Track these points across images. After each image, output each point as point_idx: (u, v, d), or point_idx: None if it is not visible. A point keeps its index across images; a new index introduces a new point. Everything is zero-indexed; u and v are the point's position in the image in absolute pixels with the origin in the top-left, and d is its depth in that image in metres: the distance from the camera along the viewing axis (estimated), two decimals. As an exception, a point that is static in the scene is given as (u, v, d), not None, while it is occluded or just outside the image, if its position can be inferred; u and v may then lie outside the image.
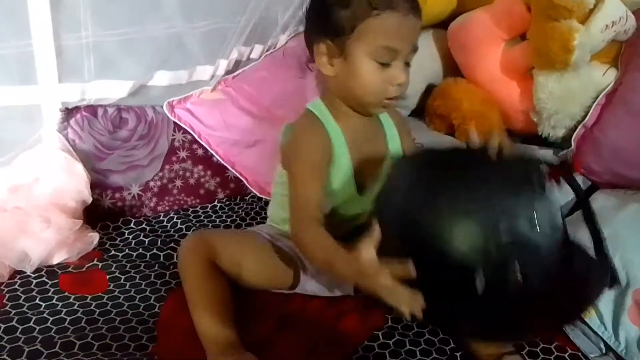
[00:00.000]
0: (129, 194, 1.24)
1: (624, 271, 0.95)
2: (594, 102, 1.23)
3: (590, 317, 0.95)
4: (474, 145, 0.77)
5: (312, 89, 1.40)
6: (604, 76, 1.23)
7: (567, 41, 1.12)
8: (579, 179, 1.21)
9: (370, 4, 0.77)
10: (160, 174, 1.29)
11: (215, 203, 1.34)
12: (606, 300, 0.94)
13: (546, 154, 1.28)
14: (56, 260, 1.03)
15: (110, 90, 1.20)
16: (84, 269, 1.03)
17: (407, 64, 0.84)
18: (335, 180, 0.88)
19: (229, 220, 1.27)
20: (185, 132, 1.33)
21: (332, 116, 0.88)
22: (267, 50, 1.49)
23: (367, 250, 0.67)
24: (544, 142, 1.32)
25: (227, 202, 1.35)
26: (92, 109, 1.21)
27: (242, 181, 1.36)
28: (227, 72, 1.43)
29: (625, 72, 1.21)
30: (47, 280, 0.99)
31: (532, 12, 1.22)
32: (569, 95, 1.23)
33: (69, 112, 1.18)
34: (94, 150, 1.20)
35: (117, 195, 1.23)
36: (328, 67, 0.84)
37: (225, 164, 1.36)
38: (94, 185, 1.17)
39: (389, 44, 0.78)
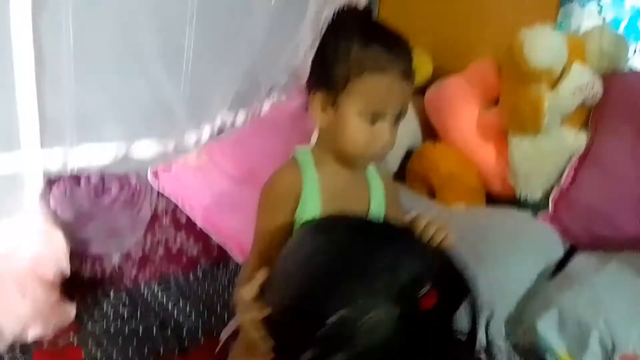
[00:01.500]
0: (109, 263, 1.22)
1: (608, 335, 0.94)
2: (567, 163, 1.27)
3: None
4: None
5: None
6: (576, 138, 1.28)
7: (538, 106, 1.17)
8: (560, 240, 1.23)
9: (362, 64, 0.80)
10: (142, 241, 1.27)
11: (198, 270, 1.32)
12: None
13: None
14: (31, 335, 1.00)
15: (94, 157, 1.21)
16: (59, 346, 1.00)
17: (397, 123, 0.85)
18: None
19: (210, 289, 1.25)
20: (169, 199, 1.34)
21: (314, 165, 0.88)
22: (251, 116, 1.53)
23: (248, 288, 0.74)
24: (522, 204, 1.35)
25: (210, 270, 1.33)
26: (75, 178, 1.21)
27: (224, 247, 1.35)
28: (212, 138, 1.45)
29: (596, 135, 1.26)
30: (20, 358, 0.95)
31: (504, 78, 1.28)
32: (543, 157, 1.26)
33: (51, 181, 1.18)
34: (75, 219, 1.19)
35: (97, 264, 1.21)
36: (320, 117, 0.87)
37: (209, 230, 1.35)
38: (74, 255, 1.15)
39: (375, 105, 0.81)
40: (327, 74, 0.83)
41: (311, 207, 0.87)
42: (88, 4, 1.06)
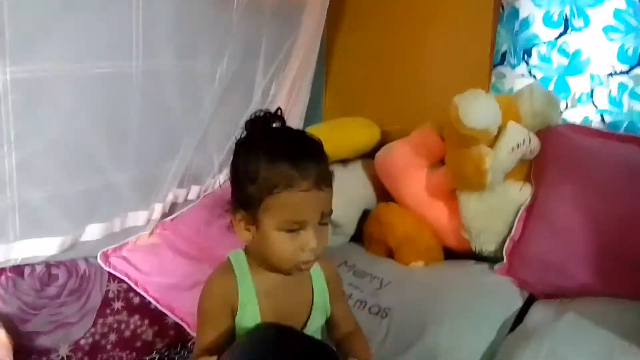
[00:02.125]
0: (57, 356, 1.15)
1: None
2: (516, 217, 1.31)
3: None
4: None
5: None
6: (521, 192, 1.33)
7: (479, 165, 1.22)
8: (517, 291, 1.24)
9: (271, 183, 0.81)
10: (93, 329, 1.21)
11: (154, 355, 1.26)
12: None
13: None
14: None
15: (38, 249, 1.17)
16: None
17: (324, 224, 0.84)
18: (244, 330, 0.88)
19: (168, 373, 1.20)
20: (121, 281, 1.29)
21: (249, 268, 0.88)
22: (204, 191, 1.53)
23: None
24: (478, 257, 1.37)
25: (167, 352, 1.28)
26: (18, 269, 1.15)
27: (182, 327, 1.31)
28: (164, 215, 1.44)
29: (538, 188, 1.31)
30: None
31: (445, 141, 1.33)
32: (491, 212, 1.30)
33: (-8, 275, 1.13)
34: (18, 312, 1.12)
35: (44, 359, 1.14)
36: (245, 234, 0.87)
37: (164, 310, 1.31)
38: (18, 350, 1.08)
39: (292, 217, 0.81)
40: (242, 194, 0.84)
41: (249, 312, 0.87)
42: (28, 98, 1.04)
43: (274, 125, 0.87)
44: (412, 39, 1.64)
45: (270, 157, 0.81)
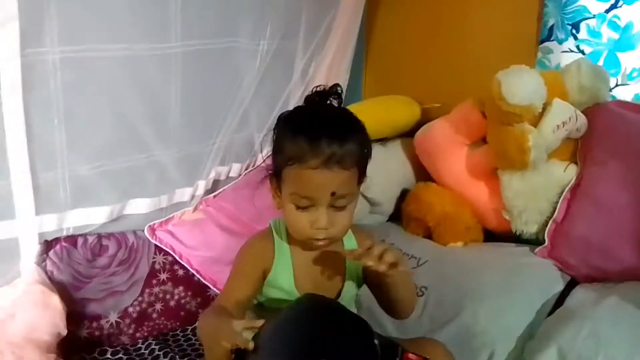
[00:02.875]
0: (107, 322, 1.23)
1: (609, 370, 0.92)
2: (560, 197, 1.27)
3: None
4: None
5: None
6: (565, 172, 1.29)
7: (522, 143, 1.19)
8: (558, 274, 1.22)
9: (288, 155, 0.84)
10: (140, 298, 1.28)
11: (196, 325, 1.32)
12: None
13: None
14: (26, 400, 1.00)
15: (89, 218, 1.23)
16: (55, 409, 0.99)
17: (340, 207, 0.85)
18: (276, 294, 0.92)
19: (209, 343, 1.24)
20: (166, 254, 1.35)
21: (286, 235, 0.92)
22: (245, 168, 1.56)
23: (242, 323, 0.75)
24: (518, 239, 1.34)
25: (209, 323, 1.32)
26: (71, 239, 1.23)
27: (223, 300, 1.36)
28: (207, 192, 1.48)
29: (584, 167, 1.27)
30: (15, 422, 0.95)
31: (487, 118, 1.30)
32: (534, 192, 1.27)
33: (48, 244, 1.20)
34: (72, 280, 1.20)
35: (95, 324, 1.21)
36: (275, 201, 0.91)
37: (207, 283, 1.36)
38: (71, 316, 1.16)
39: (301, 192, 0.84)
40: (274, 163, 0.88)
41: (283, 275, 0.91)
42: (76, 76, 1.10)
43: (329, 101, 0.89)
44: (454, 14, 1.60)
45: (293, 130, 0.84)
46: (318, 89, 0.91)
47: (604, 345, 0.95)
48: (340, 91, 0.91)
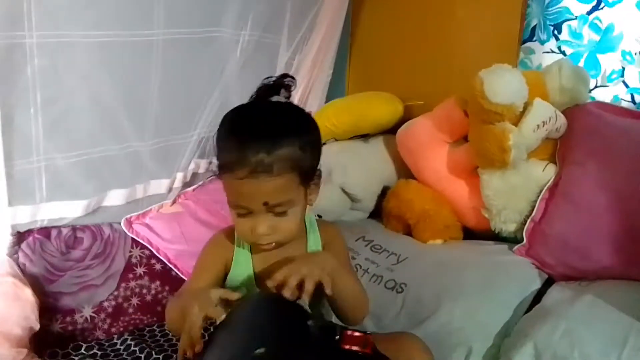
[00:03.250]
0: (81, 316, 1.20)
1: (584, 367, 0.93)
2: (538, 197, 1.28)
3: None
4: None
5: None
6: (544, 172, 1.30)
7: (503, 142, 1.19)
8: (536, 273, 1.23)
9: (219, 162, 0.83)
10: (116, 292, 1.25)
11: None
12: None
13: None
14: (-5, 395, 0.97)
15: (64, 211, 1.20)
16: (25, 405, 0.97)
17: (281, 213, 0.83)
18: (235, 285, 0.92)
19: (186, 337, 1.22)
20: (143, 247, 1.33)
21: None
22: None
23: (221, 292, 0.79)
24: (497, 237, 1.35)
25: (186, 318, 1.30)
26: (45, 231, 1.20)
27: (201, 294, 1.34)
28: (186, 185, 1.46)
29: (563, 167, 1.28)
30: (-17, 419, 0.92)
31: (469, 117, 1.31)
32: (513, 191, 1.28)
33: (20, 235, 1.17)
34: (44, 273, 1.17)
35: (68, 318, 1.18)
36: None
37: (184, 277, 1.34)
38: (43, 310, 1.12)
39: (234, 202, 0.83)
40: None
41: (243, 270, 0.91)
42: (54, 62, 1.07)
43: (278, 96, 0.86)
44: (439, 12, 1.60)
45: (225, 135, 0.82)
46: (266, 81, 0.87)
47: (578, 343, 0.97)
48: (289, 84, 0.87)
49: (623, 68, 1.34)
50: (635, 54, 1.32)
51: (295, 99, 1.68)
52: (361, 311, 0.92)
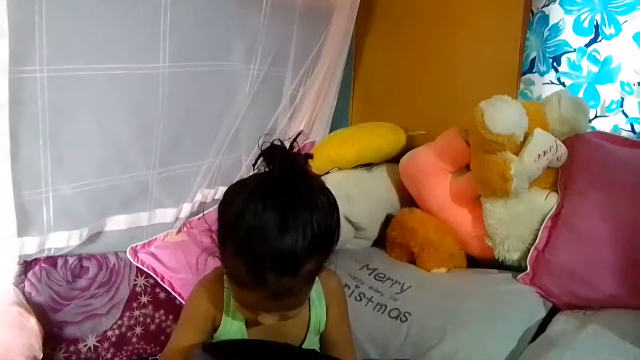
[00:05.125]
0: (85, 345, 1.20)
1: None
2: (541, 225, 1.29)
3: None
4: None
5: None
6: (546, 200, 1.31)
7: (504, 172, 1.21)
8: (541, 301, 1.23)
9: (228, 271, 0.78)
10: (120, 322, 1.26)
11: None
12: None
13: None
14: None
15: (69, 239, 1.21)
16: None
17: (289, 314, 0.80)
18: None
19: (189, 367, 1.22)
20: (148, 276, 1.33)
21: None
22: (231, 191, 1.56)
23: None
24: (501, 265, 1.35)
25: (189, 348, 1.30)
26: (51, 260, 1.21)
27: (205, 324, 1.34)
28: (192, 214, 1.47)
29: (565, 196, 1.29)
30: None
31: (471, 146, 1.32)
32: (516, 220, 1.28)
33: (27, 265, 1.18)
34: (50, 302, 1.18)
35: (72, 348, 1.18)
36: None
37: (189, 307, 1.34)
38: (47, 339, 1.13)
39: (243, 303, 0.79)
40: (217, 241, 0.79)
41: (235, 328, 0.86)
42: (64, 95, 1.10)
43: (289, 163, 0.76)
44: (440, 45, 1.64)
45: (236, 247, 0.73)
46: (274, 150, 0.76)
47: (584, 374, 0.96)
48: (297, 152, 0.77)
49: (622, 98, 1.36)
50: (634, 84, 1.34)
51: (300, 128, 1.72)
52: None
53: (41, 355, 1.08)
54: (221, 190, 1.53)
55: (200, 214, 1.48)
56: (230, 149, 1.48)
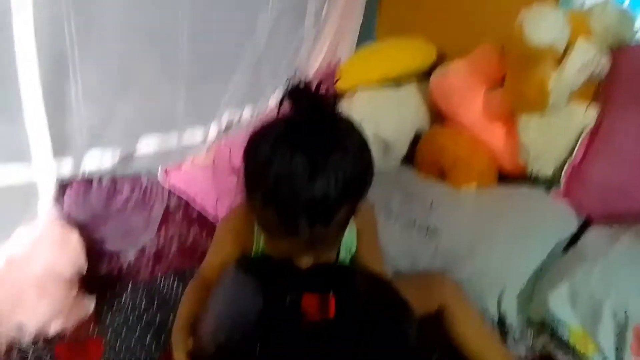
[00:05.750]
0: (126, 259, 1.25)
1: (621, 308, 0.93)
2: (578, 139, 1.25)
3: (592, 354, 0.93)
4: None
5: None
6: (585, 114, 1.26)
7: (543, 85, 1.16)
8: (573, 215, 1.22)
9: (256, 216, 0.77)
10: (156, 239, 1.30)
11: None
12: (607, 338, 0.93)
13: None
14: (52, 330, 1.04)
15: (102, 161, 1.24)
16: (80, 338, 1.03)
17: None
18: None
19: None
20: (180, 196, 1.36)
21: None
22: (258, 112, 1.55)
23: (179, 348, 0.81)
24: (534, 181, 1.34)
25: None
26: (87, 181, 1.23)
27: (237, 241, 1.38)
28: (220, 135, 1.48)
29: (605, 109, 1.24)
30: (43, 351, 0.99)
31: (507, 59, 1.27)
32: (552, 134, 1.25)
33: (64, 186, 1.21)
34: (89, 220, 1.22)
35: (114, 262, 1.24)
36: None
37: (221, 225, 1.38)
38: (90, 254, 1.18)
39: (271, 242, 0.81)
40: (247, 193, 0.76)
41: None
42: (89, 20, 1.08)
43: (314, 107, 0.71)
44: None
45: (265, 197, 0.71)
46: (306, 94, 0.71)
47: (616, 284, 0.96)
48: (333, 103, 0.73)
49: (672, 5, 1.27)
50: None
51: (325, 47, 1.67)
52: None
53: (85, 269, 1.14)
54: (247, 111, 1.52)
55: (228, 135, 1.48)
56: (255, 69, 1.45)
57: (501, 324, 1.05)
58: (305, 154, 0.68)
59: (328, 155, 0.69)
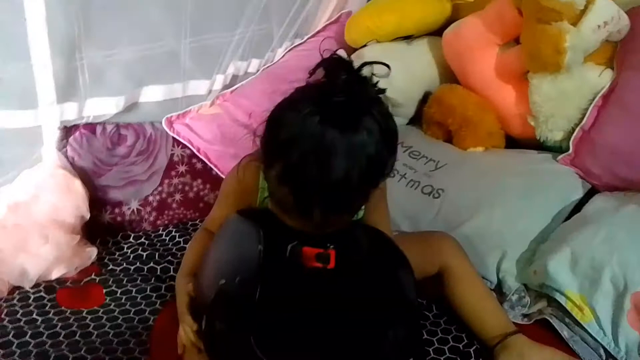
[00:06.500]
0: (128, 209, 1.26)
1: (621, 274, 0.93)
2: (590, 104, 1.22)
3: (589, 322, 0.93)
4: None
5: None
6: (600, 77, 1.22)
7: (558, 43, 1.11)
8: (579, 182, 1.20)
9: (274, 196, 0.78)
10: (160, 188, 1.30)
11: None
12: (604, 304, 0.93)
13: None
14: (55, 275, 1.06)
15: (106, 107, 1.23)
16: (81, 284, 1.05)
17: None
18: None
19: (227, 232, 1.28)
20: (184, 146, 1.35)
21: None
22: (264, 65, 1.51)
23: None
24: (542, 146, 1.31)
25: (226, 215, 1.36)
26: (90, 127, 1.23)
27: (241, 194, 1.38)
28: (225, 87, 1.45)
29: (621, 72, 1.20)
30: (44, 295, 1.01)
31: (523, 15, 1.22)
32: (564, 97, 1.21)
33: (67, 131, 1.21)
34: (92, 167, 1.22)
35: (116, 210, 1.25)
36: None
37: (224, 177, 1.37)
38: (93, 201, 1.19)
39: (287, 222, 0.79)
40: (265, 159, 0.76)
41: None
42: None
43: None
44: None
45: (285, 173, 0.71)
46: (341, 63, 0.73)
47: (618, 248, 0.95)
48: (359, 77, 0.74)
49: (700, -37, 1.20)
50: None
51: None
52: None
53: (88, 215, 1.15)
54: (254, 62, 1.49)
55: (234, 87, 1.46)
56: (261, 19, 1.41)
57: (499, 289, 1.05)
58: (338, 134, 0.68)
59: (358, 138, 0.70)
